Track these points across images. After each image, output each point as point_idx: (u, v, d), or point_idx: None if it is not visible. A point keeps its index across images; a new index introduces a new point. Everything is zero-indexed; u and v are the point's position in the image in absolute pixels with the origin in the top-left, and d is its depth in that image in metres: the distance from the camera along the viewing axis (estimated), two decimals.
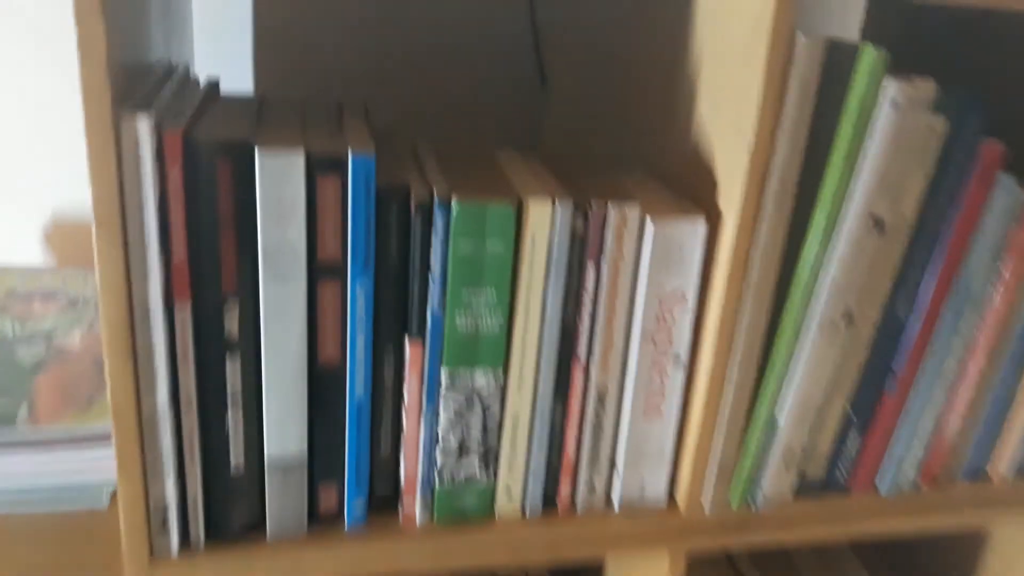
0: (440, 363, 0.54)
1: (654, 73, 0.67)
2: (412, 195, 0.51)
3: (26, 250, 0.86)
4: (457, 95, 0.93)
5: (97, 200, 0.44)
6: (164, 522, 0.51)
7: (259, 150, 0.47)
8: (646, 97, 0.68)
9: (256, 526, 0.54)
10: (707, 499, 0.62)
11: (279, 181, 0.47)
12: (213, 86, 0.60)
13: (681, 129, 0.62)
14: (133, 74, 0.50)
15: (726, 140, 0.56)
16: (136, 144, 0.44)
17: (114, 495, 0.59)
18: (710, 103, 0.58)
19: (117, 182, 0.44)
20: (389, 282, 0.52)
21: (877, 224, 0.58)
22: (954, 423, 0.68)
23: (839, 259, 0.58)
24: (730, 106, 0.56)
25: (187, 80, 0.60)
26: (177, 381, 0.49)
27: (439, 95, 0.92)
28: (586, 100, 0.82)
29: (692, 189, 0.61)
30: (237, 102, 0.59)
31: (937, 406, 0.66)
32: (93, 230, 0.45)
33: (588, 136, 0.81)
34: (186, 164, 0.46)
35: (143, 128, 0.44)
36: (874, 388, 0.64)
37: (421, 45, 0.90)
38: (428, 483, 0.56)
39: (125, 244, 0.45)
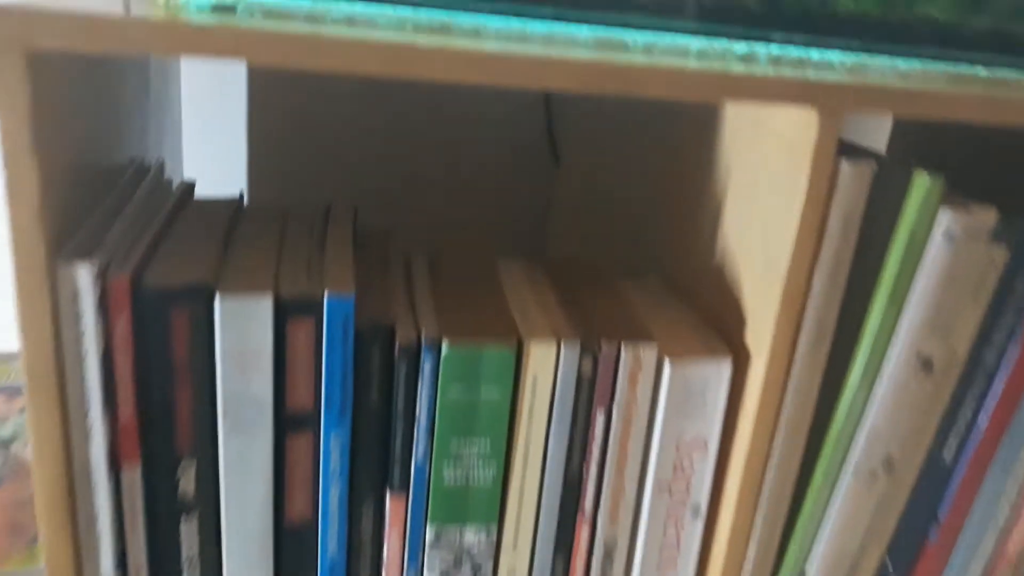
0: (425, 519, 0.48)
1: (674, 179, 0.61)
2: (397, 335, 0.45)
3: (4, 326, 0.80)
4: (466, 178, 0.87)
5: (29, 357, 0.38)
6: None
7: (220, 296, 0.41)
8: (664, 200, 0.62)
9: None
10: None
11: (243, 328, 0.42)
12: (187, 190, 0.55)
13: (703, 245, 0.56)
14: (93, 180, 0.45)
15: (755, 269, 0.50)
16: (76, 295, 0.39)
17: None
18: (737, 224, 0.52)
19: (52, 337, 0.39)
20: (368, 430, 0.46)
21: (925, 364, 0.51)
22: (1004, 570, 0.61)
23: (881, 402, 0.51)
24: (760, 233, 0.49)
25: (159, 183, 0.54)
26: (124, 548, 0.43)
27: (448, 177, 0.86)
28: (599, 189, 0.76)
29: (714, 313, 0.54)
30: (210, 211, 0.53)
31: (986, 554, 0.59)
32: (25, 388, 0.39)
33: (600, 226, 0.75)
34: (135, 313, 0.40)
35: (84, 278, 0.38)
36: (915, 537, 0.57)
37: (429, 123, 0.84)
38: None
39: (63, 405, 0.40)
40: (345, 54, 0.37)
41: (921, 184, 0.47)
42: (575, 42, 0.47)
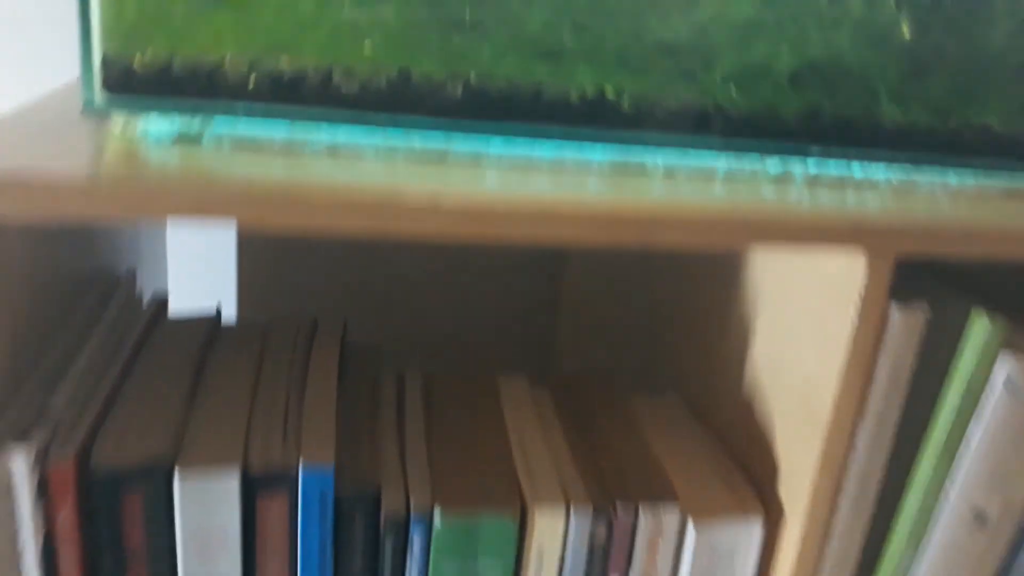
0: None
1: (695, 289, 0.55)
2: (383, 503, 0.40)
3: None
4: (469, 270, 0.81)
5: None
6: None
7: (180, 473, 0.36)
8: (685, 311, 0.56)
9: None
10: None
11: (207, 508, 0.36)
12: (159, 307, 0.50)
13: (729, 372, 0.50)
14: (46, 313, 0.40)
15: (790, 415, 0.44)
16: (10, 485, 0.33)
17: None
18: (769, 359, 0.46)
19: None
20: None
21: (978, 517, 0.45)
22: None
23: (929, 560, 0.45)
24: (797, 380, 0.44)
25: (128, 301, 0.49)
26: None
27: (449, 270, 0.80)
28: (613, 286, 0.70)
29: (740, 447, 0.49)
30: (183, 334, 0.48)
31: None
32: None
33: (614, 327, 0.69)
34: (81, 499, 0.35)
35: (19, 465, 0.33)
36: None
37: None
38: None
39: None
40: (326, 214, 0.32)
41: (980, 328, 0.41)
42: (587, 169, 0.41)
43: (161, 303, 0.50)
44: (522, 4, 0.41)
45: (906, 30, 0.44)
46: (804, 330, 0.43)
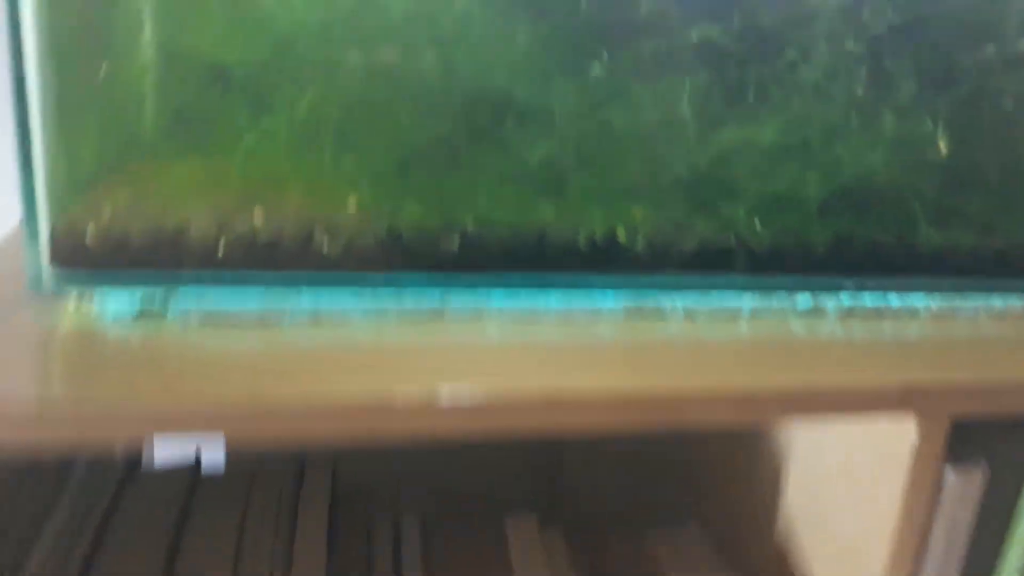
0: None
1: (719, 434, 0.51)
2: None
3: None
4: None
5: None
6: None
7: None
8: (706, 450, 0.52)
9: None
10: None
11: None
12: (133, 458, 0.45)
13: (759, 520, 0.46)
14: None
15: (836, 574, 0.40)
16: None
17: None
18: (806, 519, 0.42)
19: None
20: None
21: None
22: None
23: None
24: (840, 542, 0.39)
25: (100, 455, 0.45)
26: None
27: None
28: None
29: None
30: (159, 492, 0.43)
31: None
32: None
33: (619, 448, 0.64)
34: None
35: None
36: None
37: None
38: None
39: None
40: (311, 425, 0.28)
41: None
42: (599, 317, 0.37)
43: (135, 454, 0.46)
44: (521, 137, 0.37)
45: (943, 146, 0.41)
46: (847, 489, 0.39)
